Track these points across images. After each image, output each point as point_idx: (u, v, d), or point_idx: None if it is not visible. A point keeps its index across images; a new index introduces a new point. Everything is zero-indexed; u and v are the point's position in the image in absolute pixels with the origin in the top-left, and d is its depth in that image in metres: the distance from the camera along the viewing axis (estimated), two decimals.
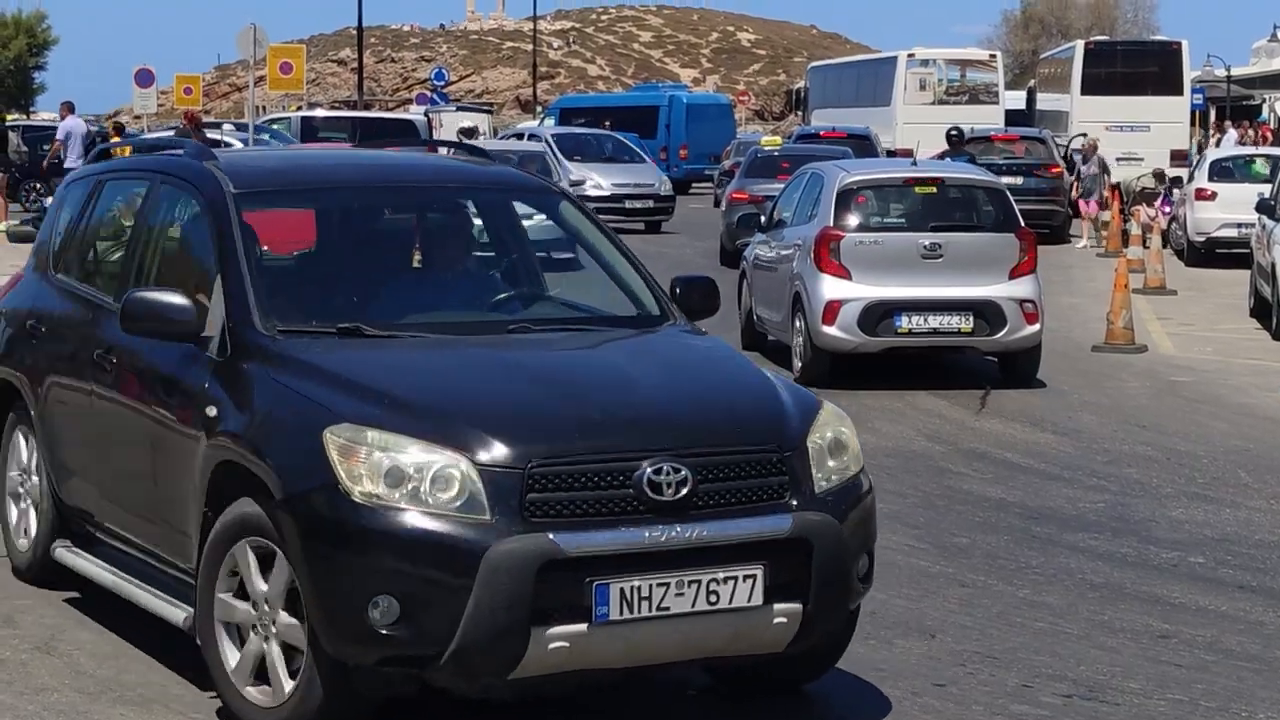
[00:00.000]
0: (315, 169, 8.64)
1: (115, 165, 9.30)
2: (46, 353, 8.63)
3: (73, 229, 9.02)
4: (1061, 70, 49.14)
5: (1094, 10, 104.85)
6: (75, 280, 8.75)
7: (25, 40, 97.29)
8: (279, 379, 6.84)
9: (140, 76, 44.27)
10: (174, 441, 7.29)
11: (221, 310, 7.21)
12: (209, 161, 7.95)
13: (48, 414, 8.54)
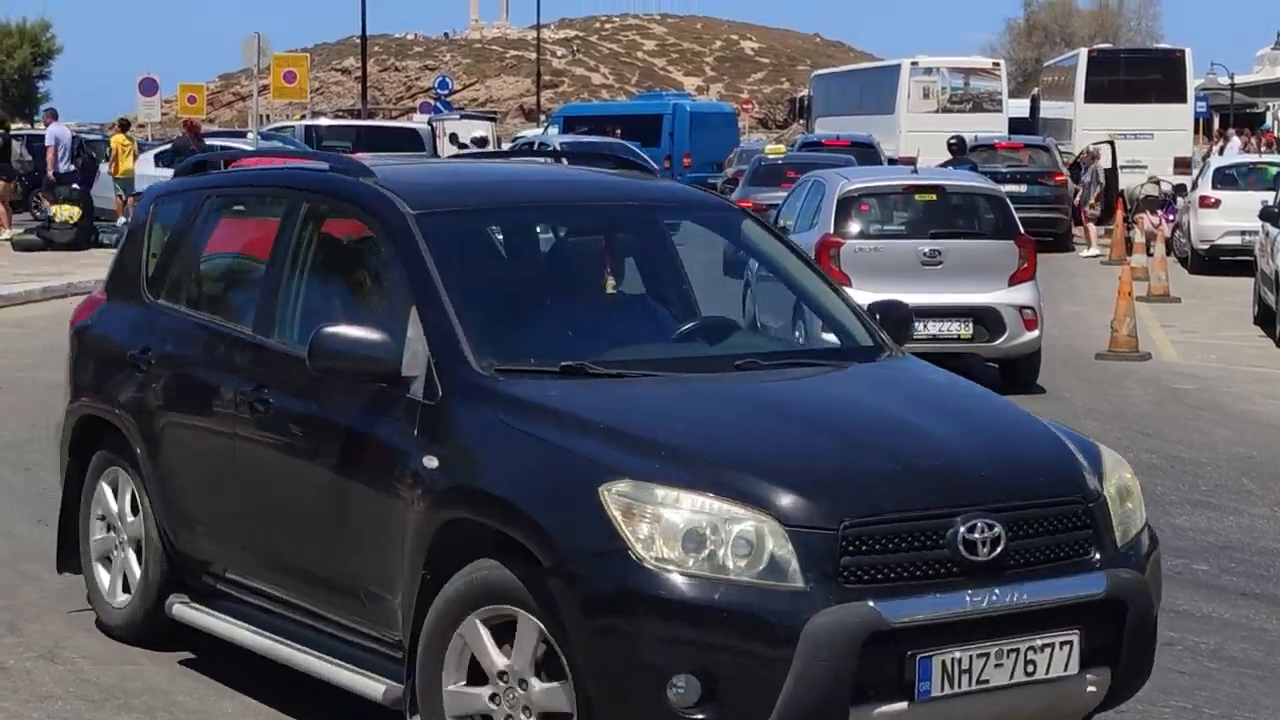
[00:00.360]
0: (490, 185, 7.75)
1: (228, 180, 8.44)
2: (160, 388, 7.79)
3: (176, 251, 8.19)
4: (1065, 78, 49.19)
5: (1097, 18, 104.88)
6: (191, 308, 7.93)
7: (30, 49, 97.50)
8: (518, 425, 6.04)
9: (144, 85, 44.27)
10: (367, 494, 6.47)
11: (422, 346, 6.38)
12: (367, 178, 7.16)
13: (164, 457, 7.70)
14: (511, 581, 5.80)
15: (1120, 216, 33.99)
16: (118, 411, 7.99)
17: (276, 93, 41.52)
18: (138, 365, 7.91)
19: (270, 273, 7.38)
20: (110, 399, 8.08)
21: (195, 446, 7.57)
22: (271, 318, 7.25)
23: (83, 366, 8.47)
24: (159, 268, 8.23)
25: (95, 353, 8.39)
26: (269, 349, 7.19)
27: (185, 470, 7.62)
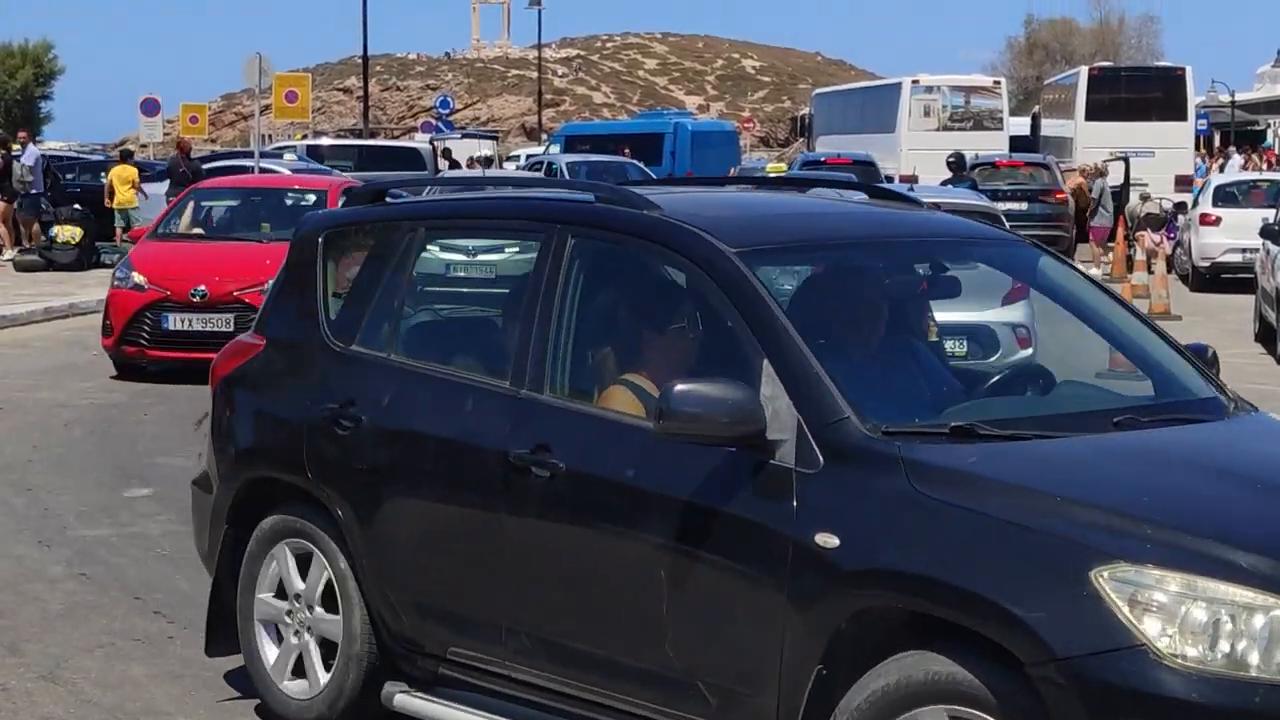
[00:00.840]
0: (796, 220, 6.80)
1: (445, 211, 7.53)
2: (375, 451, 6.73)
3: (372, 290, 7.07)
4: (1066, 96, 49.23)
5: (1098, 36, 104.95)
6: (408, 357, 6.88)
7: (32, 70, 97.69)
8: (942, 498, 5.18)
9: (146, 106, 44.39)
10: (717, 575, 5.58)
11: (785, 405, 5.48)
12: (653, 210, 6.26)
13: (385, 530, 6.69)
14: (967, 680, 4.99)
15: (1121, 234, 34.01)
16: (311, 477, 6.92)
17: (278, 112, 41.60)
18: (337, 423, 6.82)
19: (529, 318, 6.36)
20: (296, 463, 7.00)
21: (435, 517, 6.58)
22: (540, 369, 6.26)
23: (243, 424, 7.42)
24: (348, 310, 7.14)
25: (263, 408, 7.37)
26: (547, 406, 6.21)
27: (419, 544, 6.63)
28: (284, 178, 25.68)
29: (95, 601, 9.09)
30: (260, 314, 7.72)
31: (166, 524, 10.88)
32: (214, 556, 7.43)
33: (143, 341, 17.28)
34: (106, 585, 9.42)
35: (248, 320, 16.28)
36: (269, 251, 17.40)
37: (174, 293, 17.29)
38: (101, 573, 9.69)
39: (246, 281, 17.24)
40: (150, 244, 18.83)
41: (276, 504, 7.17)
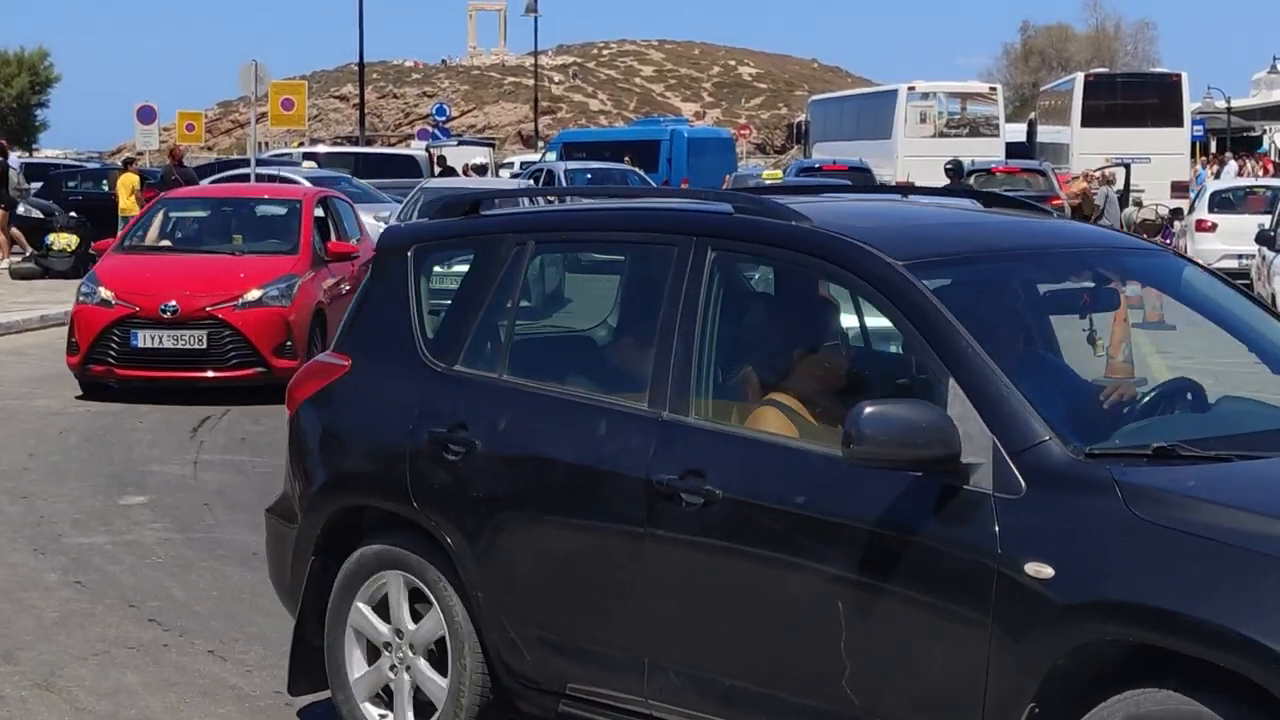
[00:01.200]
0: (951, 231, 6.40)
1: (555, 222, 7.08)
2: (493, 477, 6.32)
3: (474, 307, 6.63)
4: (1062, 102, 49.33)
5: (1094, 43, 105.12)
6: (523, 377, 6.46)
7: (28, 77, 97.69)
8: (1168, 524, 4.82)
9: (142, 113, 44.32)
10: (904, 608, 5.22)
11: (978, 427, 5.14)
12: (801, 221, 5.89)
13: (505, 560, 6.28)
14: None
15: None
16: (417, 505, 6.49)
17: (275, 120, 41.56)
18: (446, 448, 6.41)
19: (667, 336, 5.98)
20: (398, 490, 6.55)
21: (564, 546, 6.17)
22: (684, 390, 5.88)
23: (332, 450, 6.97)
24: (447, 328, 6.74)
25: (355, 433, 6.90)
26: (695, 429, 5.84)
27: (545, 574, 6.22)
28: (256, 187, 25.08)
29: (90, 609, 9.08)
30: (342, 332, 7.20)
31: (162, 531, 10.88)
32: (299, 589, 6.92)
33: (110, 360, 16.37)
34: (101, 593, 9.42)
35: (222, 338, 16.18)
36: (243, 265, 17.18)
37: (143, 308, 16.35)
38: (96, 580, 9.68)
39: (220, 296, 16.49)
40: (117, 257, 17.76)
41: (367, 534, 6.74)
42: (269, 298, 16.60)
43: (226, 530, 10.97)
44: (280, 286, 16.74)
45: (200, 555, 10.24)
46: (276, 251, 17.62)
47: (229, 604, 9.21)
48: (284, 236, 17.97)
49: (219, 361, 16.28)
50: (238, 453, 13.74)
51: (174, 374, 16.38)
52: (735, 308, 6.14)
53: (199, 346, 16.22)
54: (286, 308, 16.61)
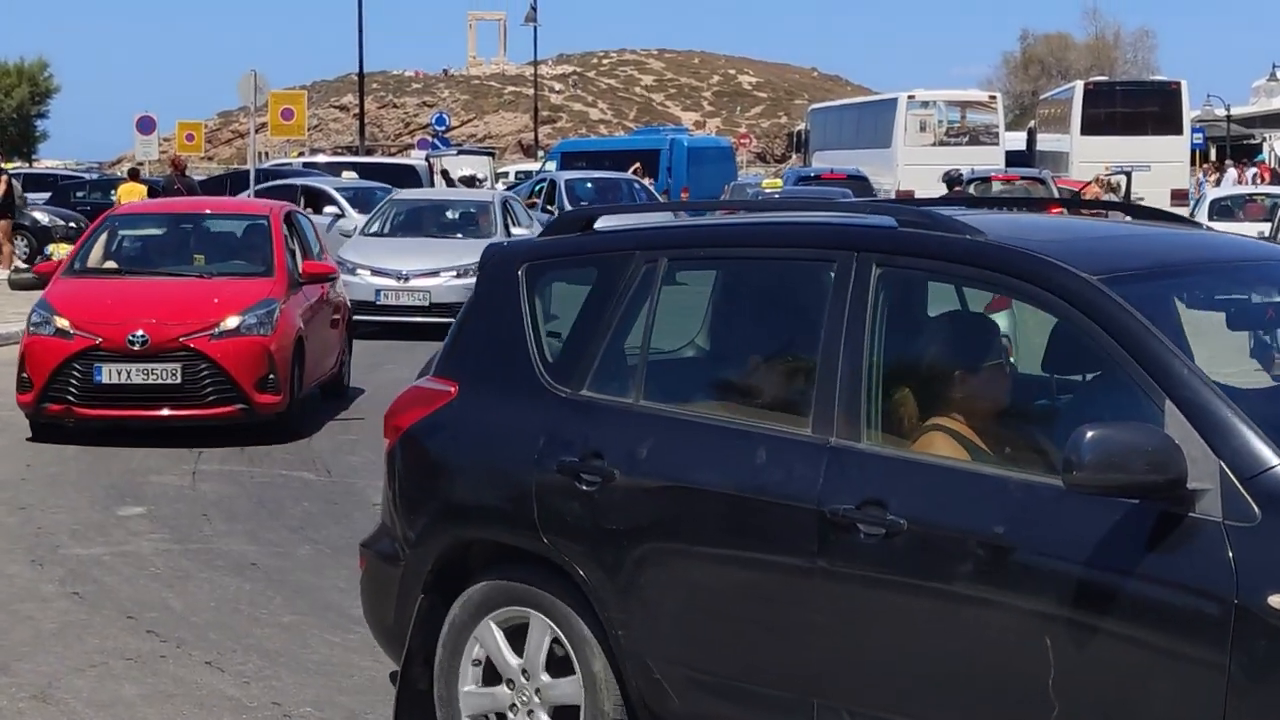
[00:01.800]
0: (1135, 242, 6.17)
1: (693, 237, 6.62)
2: (636, 507, 5.95)
3: (600, 328, 6.27)
4: (1061, 111, 49.35)
5: (1093, 51, 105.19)
6: (664, 402, 6.11)
7: (28, 88, 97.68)
8: None
9: (142, 123, 44.36)
10: (1131, 648, 4.91)
11: (1201, 450, 4.86)
12: (976, 235, 5.62)
13: (650, 598, 5.89)
14: None
15: None
16: (547, 539, 6.11)
17: (274, 130, 41.50)
18: (578, 478, 6.05)
19: (830, 356, 5.65)
20: (524, 523, 6.19)
21: (720, 581, 5.80)
22: (853, 414, 5.56)
23: (443, 482, 6.58)
24: (570, 350, 6.37)
25: (469, 464, 6.53)
26: (868, 455, 5.52)
27: (696, 611, 5.84)
28: (217, 202, 22.47)
29: (88, 620, 9.06)
30: (444, 356, 6.77)
31: (159, 543, 10.86)
32: (406, 630, 6.52)
33: (70, 398, 14.33)
34: (99, 604, 9.39)
35: (198, 372, 14.29)
36: (215, 289, 15.26)
37: (107, 339, 14.33)
38: (94, 591, 9.66)
39: (193, 325, 14.53)
40: (69, 281, 15.54)
41: (478, 569, 6.39)
42: (248, 326, 14.64)
43: (224, 541, 10.95)
44: (260, 313, 14.79)
45: (198, 566, 10.22)
46: (248, 274, 15.73)
47: (226, 615, 9.19)
48: (252, 256, 16.13)
49: (195, 398, 14.36)
50: (236, 463, 13.71)
51: (143, 412, 14.45)
52: (900, 326, 5.80)
53: (172, 381, 14.33)
54: (268, 337, 14.65)
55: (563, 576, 6.10)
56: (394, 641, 6.68)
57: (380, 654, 8.39)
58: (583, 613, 6.05)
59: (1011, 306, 6.10)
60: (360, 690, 7.95)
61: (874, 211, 6.20)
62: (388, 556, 6.68)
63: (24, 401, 14.57)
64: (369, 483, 12.78)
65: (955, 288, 5.94)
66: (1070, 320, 5.33)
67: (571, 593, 6.08)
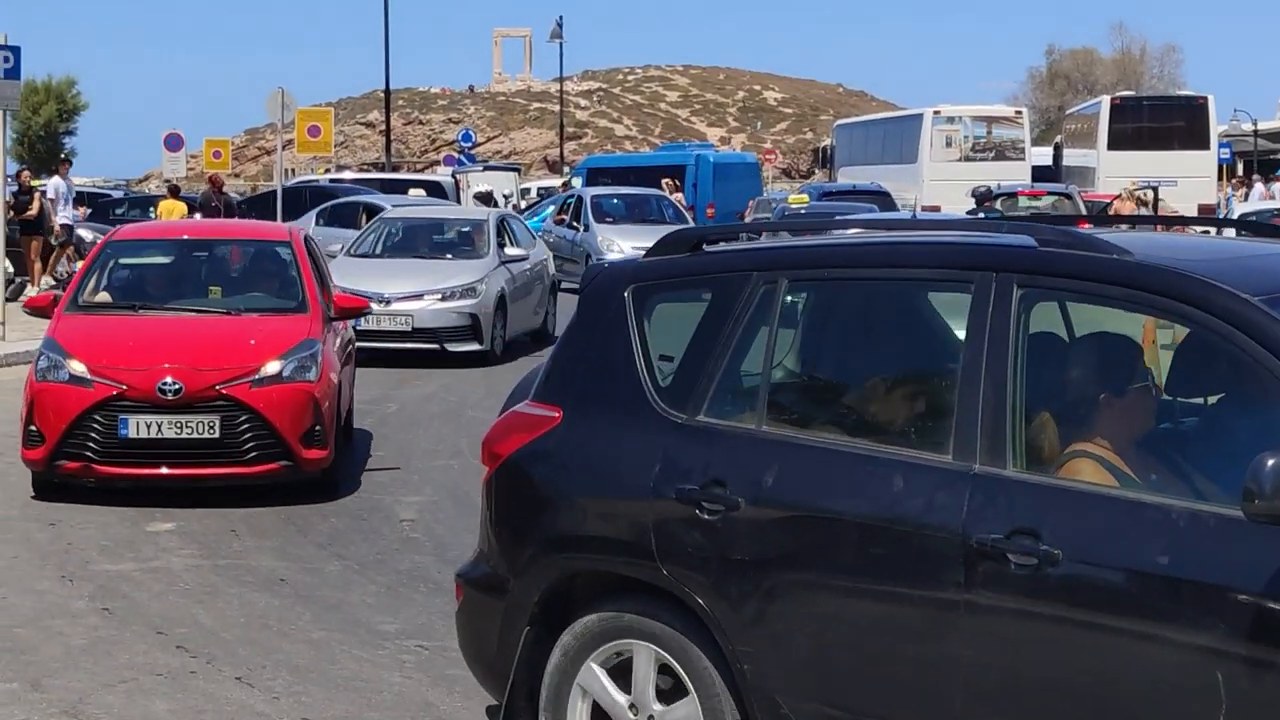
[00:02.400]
0: (1261, 262, 5.81)
1: (815, 257, 6.28)
2: (764, 538, 5.74)
3: (716, 352, 6.05)
4: (1088, 126, 49.27)
5: (1120, 66, 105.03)
6: (789, 427, 5.91)
7: (55, 106, 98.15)
8: None
9: (170, 141, 44.57)
10: None
11: None
12: (1124, 255, 5.43)
13: (781, 630, 5.68)
14: None
15: None
16: (666, 570, 5.91)
17: (301, 147, 41.68)
18: (699, 506, 5.85)
19: (971, 381, 5.46)
20: (641, 553, 5.97)
21: (855, 613, 5.57)
22: (997, 441, 5.36)
23: (551, 511, 6.34)
24: (684, 375, 6.15)
25: (579, 492, 6.29)
26: (1016, 483, 5.30)
27: (831, 644, 5.62)
28: (228, 226, 20.00)
29: (118, 636, 9.10)
30: (547, 381, 6.55)
31: (189, 558, 10.90)
32: (509, 664, 6.35)
33: (89, 454, 12.46)
34: (129, 620, 9.43)
35: (237, 424, 12.43)
36: (248, 328, 13.41)
37: (133, 387, 12.47)
38: (124, 607, 9.70)
39: (232, 370, 12.65)
40: (76, 319, 13.54)
41: (585, 601, 6.20)
42: (292, 372, 12.80)
43: (253, 557, 10.98)
44: (302, 357, 12.93)
45: (227, 582, 10.25)
46: (278, 309, 13.90)
47: (255, 631, 9.21)
48: (277, 288, 14.38)
49: (234, 454, 12.49)
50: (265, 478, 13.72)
51: (176, 471, 12.55)
52: (1041, 349, 5.60)
53: (209, 435, 12.46)
54: (312, 384, 12.80)
55: (680, 608, 5.90)
56: (495, 675, 6.49)
57: (409, 670, 8.45)
58: (703, 645, 5.85)
59: None
60: (389, 706, 7.97)
61: (1010, 230, 5.97)
62: (489, 587, 6.50)
63: (33, 458, 12.72)
64: (396, 499, 12.83)
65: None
66: (1232, 343, 5.10)
67: (689, 624, 5.88)
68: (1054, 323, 5.84)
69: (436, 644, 8.89)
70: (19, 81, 23.63)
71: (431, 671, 8.50)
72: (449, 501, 12.74)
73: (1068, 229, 5.80)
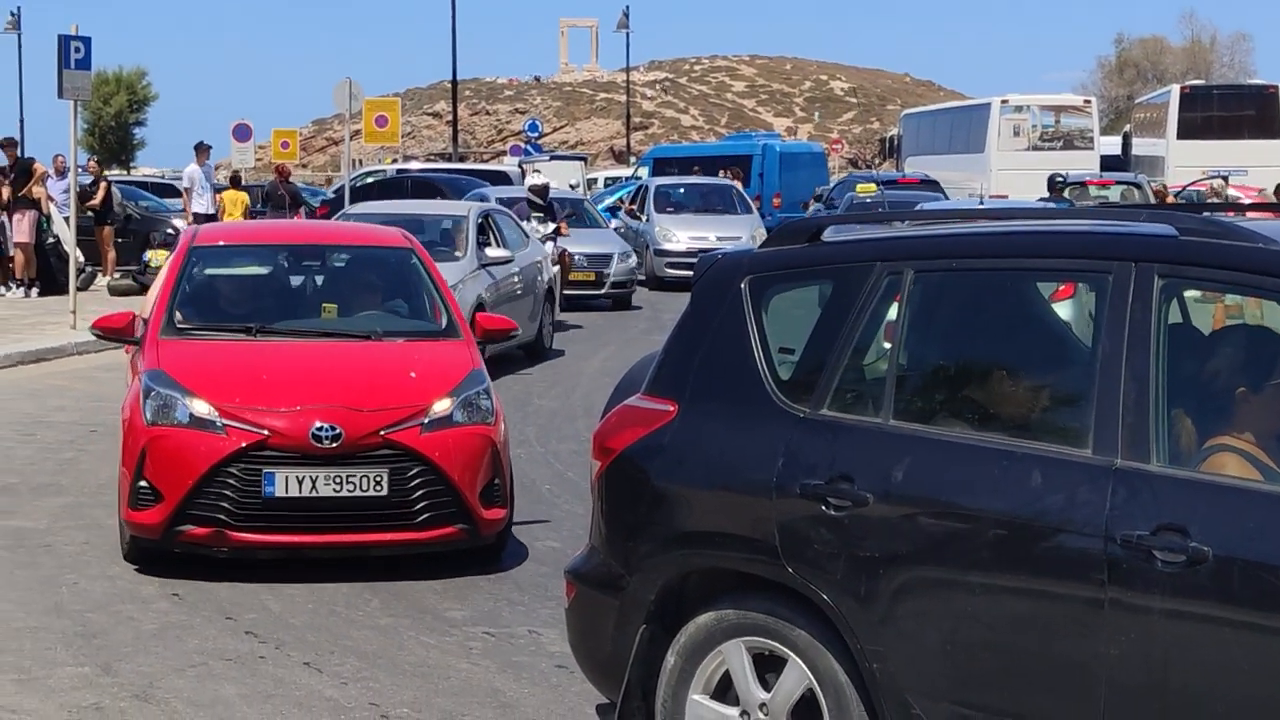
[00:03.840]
0: None
1: (944, 248, 6.08)
2: (897, 534, 5.57)
3: (838, 344, 5.90)
4: (1157, 115, 48.99)
5: (1190, 55, 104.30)
6: (915, 421, 5.73)
7: (126, 97, 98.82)
8: None
9: (238, 131, 44.82)
10: None
11: None
12: (1270, 244, 5.23)
13: (914, 629, 5.54)
14: None
15: None
16: (791, 567, 5.78)
17: (368, 137, 41.84)
18: (824, 502, 5.71)
19: (1110, 374, 5.32)
20: (764, 550, 5.85)
21: (994, 611, 5.40)
22: (1140, 435, 5.21)
23: (668, 507, 6.19)
24: (805, 368, 6.04)
25: (699, 487, 6.13)
26: (1161, 478, 5.17)
27: (968, 644, 5.46)
28: (335, 230, 16.11)
29: (187, 622, 9.17)
30: (660, 374, 6.42)
31: None
32: (624, 662, 6.23)
33: (223, 518, 9.96)
34: (198, 606, 9.50)
35: (407, 479, 10.07)
36: (400, 357, 11.07)
37: (279, 433, 9.99)
38: (193, 593, 9.77)
39: (397, 410, 10.23)
40: (179, 345, 11.04)
41: (703, 598, 6.08)
42: (466, 411, 10.50)
43: None
44: (475, 392, 10.63)
45: (295, 568, 10.29)
46: (422, 333, 11.66)
47: (324, 617, 9.27)
48: (407, 306, 12.12)
49: (403, 517, 10.09)
50: None
51: (332, 538, 10.12)
52: (1180, 341, 5.49)
53: (376, 493, 10.02)
54: (491, 426, 10.57)
55: (804, 605, 5.79)
56: (608, 674, 6.41)
57: (476, 656, 8.49)
58: (828, 643, 5.74)
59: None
60: (457, 692, 8.02)
61: (1148, 219, 5.78)
62: (603, 584, 6.39)
63: (145, 522, 10.12)
64: None
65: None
66: None
67: (814, 622, 5.76)
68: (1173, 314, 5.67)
69: (503, 630, 8.93)
70: (90, 72, 23.83)
71: (498, 658, 8.54)
72: None
73: (1209, 217, 5.65)
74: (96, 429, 15.55)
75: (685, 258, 30.82)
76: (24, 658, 8.50)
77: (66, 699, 7.86)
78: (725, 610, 6.00)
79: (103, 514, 11.93)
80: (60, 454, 14.41)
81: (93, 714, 7.67)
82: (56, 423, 16.16)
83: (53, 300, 27.13)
